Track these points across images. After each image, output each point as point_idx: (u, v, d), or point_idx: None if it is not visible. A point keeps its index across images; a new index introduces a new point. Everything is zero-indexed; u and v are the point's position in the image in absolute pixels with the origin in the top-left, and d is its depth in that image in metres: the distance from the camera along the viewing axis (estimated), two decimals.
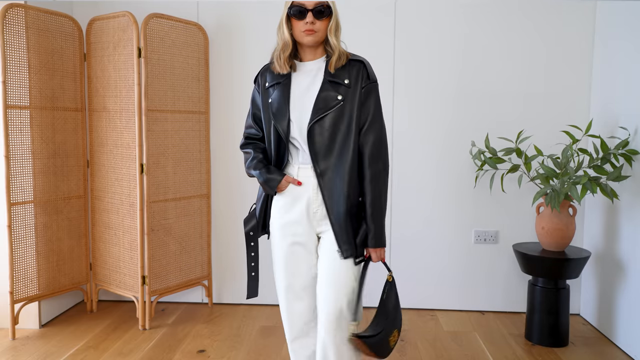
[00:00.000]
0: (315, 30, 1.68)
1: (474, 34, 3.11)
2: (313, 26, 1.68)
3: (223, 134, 3.26)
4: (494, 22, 3.10)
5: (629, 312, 2.66)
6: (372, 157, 1.72)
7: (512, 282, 3.22)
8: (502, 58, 3.12)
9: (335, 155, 1.71)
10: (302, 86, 1.75)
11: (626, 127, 2.71)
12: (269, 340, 2.79)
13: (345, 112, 1.70)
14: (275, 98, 1.76)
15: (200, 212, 3.19)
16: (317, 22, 1.68)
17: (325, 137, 1.70)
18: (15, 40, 2.71)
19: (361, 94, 1.71)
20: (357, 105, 1.70)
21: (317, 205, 1.76)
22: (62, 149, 2.98)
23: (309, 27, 1.67)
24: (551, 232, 2.72)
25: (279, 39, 1.75)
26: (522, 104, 3.13)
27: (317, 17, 1.67)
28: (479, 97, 3.14)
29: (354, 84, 1.71)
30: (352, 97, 1.70)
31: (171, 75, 2.97)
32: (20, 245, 2.79)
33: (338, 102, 1.69)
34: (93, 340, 2.77)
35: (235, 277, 3.32)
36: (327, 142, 1.70)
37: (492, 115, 3.14)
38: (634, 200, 2.64)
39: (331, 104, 1.69)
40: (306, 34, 1.69)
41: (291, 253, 1.81)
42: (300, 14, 1.68)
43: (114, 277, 3.04)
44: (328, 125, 1.69)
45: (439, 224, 3.22)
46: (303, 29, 1.68)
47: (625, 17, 2.75)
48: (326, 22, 1.70)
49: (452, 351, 2.67)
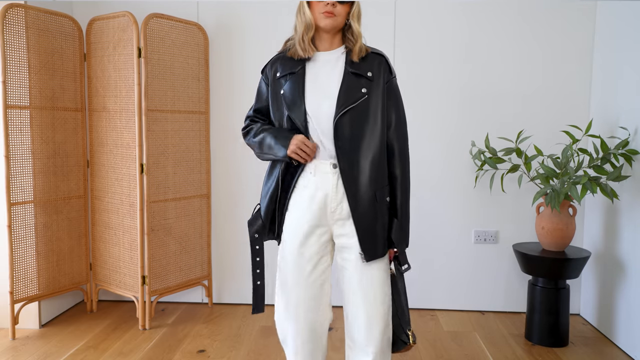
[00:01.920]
0: (335, 14, 1.59)
1: (474, 34, 3.11)
2: (333, 9, 1.58)
3: (223, 134, 3.26)
4: (494, 22, 3.10)
5: (628, 312, 2.66)
6: (402, 155, 1.68)
7: (512, 282, 3.22)
8: (502, 58, 3.12)
9: (361, 151, 1.61)
10: (319, 77, 1.65)
11: (626, 127, 2.71)
12: (269, 340, 2.79)
13: (371, 107, 1.62)
14: (287, 89, 1.65)
15: (200, 212, 3.19)
16: (338, 6, 1.60)
17: (350, 132, 1.60)
18: (15, 40, 2.71)
19: (384, 88, 1.65)
20: (381, 100, 1.64)
21: (336, 204, 1.64)
22: (62, 149, 2.98)
23: (329, 9, 1.58)
24: (551, 232, 2.72)
25: (300, 23, 1.64)
26: (522, 104, 3.13)
27: (338, 1, 1.60)
28: (479, 97, 3.14)
29: (376, 78, 1.64)
30: (376, 91, 1.64)
31: (171, 75, 2.97)
32: (20, 245, 2.79)
33: (362, 95, 1.61)
34: (93, 340, 2.77)
35: (235, 277, 3.33)
36: (352, 137, 1.61)
37: (492, 115, 3.14)
38: (634, 200, 2.64)
39: (356, 97, 1.60)
40: (325, 16, 1.59)
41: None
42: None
43: (114, 277, 3.04)
44: (353, 120, 1.60)
45: (439, 223, 3.22)
46: (322, 10, 1.59)
47: (625, 17, 2.75)
48: (347, 8, 1.62)
49: (452, 351, 2.67)
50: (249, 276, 3.31)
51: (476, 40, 3.12)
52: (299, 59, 1.68)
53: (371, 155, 1.62)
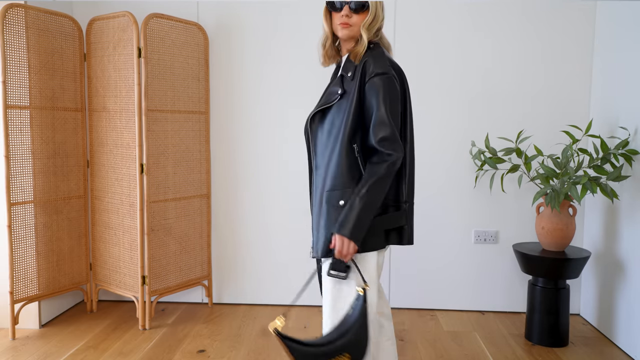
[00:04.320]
0: (350, 24, 1.66)
1: (473, 34, 3.11)
2: (348, 19, 1.66)
3: (223, 134, 3.26)
4: (494, 22, 3.10)
5: (628, 312, 2.66)
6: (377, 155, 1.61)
7: (512, 282, 3.22)
8: (502, 58, 3.12)
9: (329, 150, 1.65)
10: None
11: (626, 127, 2.71)
12: (269, 340, 2.79)
13: (343, 106, 1.64)
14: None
15: (200, 212, 3.19)
16: (354, 16, 1.66)
17: (322, 131, 1.68)
18: (15, 40, 2.71)
19: (360, 88, 1.63)
20: (355, 100, 1.62)
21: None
22: (62, 149, 2.98)
23: (344, 20, 1.66)
24: (551, 232, 2.72)
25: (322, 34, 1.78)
26: (522, 104, 3.13)
27: (353, 11, 1.66)
28: (478, 97, 3.14)
29: (355, 77, 1.65)
30: (349, 91, 1.65)
31: (171, 75, 2.97)
32: (20, 245, 2.79)
33: (337, 96, 1.66)
34: (93, 340, 2.77)
35: (235, 277, 3.33)
36: (325, 137, 1.67)
37: (492, 115, 3.14)
38: (634, 200, 2.64)
39: (331, 98, 1.68)
40: (341, 27, 1.68)
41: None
42: (336, 5, 1.68)
43: (114, 277, 3.04)
44: (328, 120, 1.67)
45: (439, 224, 3.22)
46: (339, 21, 1.67)
47: (625, 17, 2.75)
48: (363, 17, 1.67)
49: (452, 351, 2.67)
50: (249, 276, 3.31)
51: (476, 40, 3.12)
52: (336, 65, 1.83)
53: (335, 154, 1.62)
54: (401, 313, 3.19)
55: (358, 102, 1.62)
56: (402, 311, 3.22)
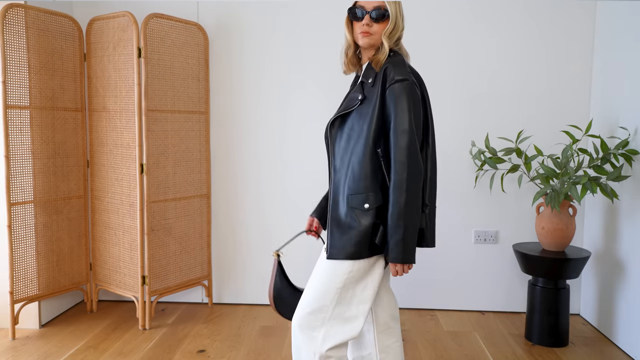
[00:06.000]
0: (371, 33, 1.68)
1: (474, 33, 3.11)
2: (369, 28, 1.68)
3: (223, 134, 3.26)
4: (494, 22, 3.10)
5: (628, 312, 2.66)
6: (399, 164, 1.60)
7: (512, 282, 3.22)
8: (502, 58, 3.12)
9: (349, 154, 1.68)
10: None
11: (626, 127, 2.71)
12: (269, 340, 2.79)
13: (364, 112, 1.67)
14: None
15: (200, 212, 3.19)
16: (374, 25, 1.68)
17: (342, 136, 1.71)
18: (15, 40, 2.71)
19: (382, 94, 1.65)
20: (377, 106, 1.64)
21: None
22: (62, 149, 2.99)
23: (365, 29, 1.68)
24: (551, 232, 2.72)
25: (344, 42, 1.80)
26: (522, 104, 3.13)
27: (374, 20, 1.68)
28: (479, 97, 3.14)
29: (375, 84, 1.67)
30: (370, 97, 1.67)
31: (171, 75, 2.97)
32: (20, 245, 2.79)
33: (358, 101, 1.69)
34: (93, 340, 2.77)
35: (235, 277, 3.33)
36: (344, 141, 1.70)
37: (492, 115, 3.14)
38: (634, 200, 2.64)
39: (352, 104, 1.70)
40: (362, 36, 1.69)
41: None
42: (358, 15, 1.70)
43: (114, 277, 3.04)
44: (347, 125, 1.70)
45: (439, 224, 3.22)
46: (359, 30, 1.69)
47: (625, 17, 2.75)
48: (383, 25, 1.69)
49: (452, 351, 2.67)
50: (249, 276, 3.31)
51: (476, 40, 3.12)
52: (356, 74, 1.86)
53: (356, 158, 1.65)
54: (401, 313, 3.19)
55: (381, 108, 1.65)
56: (402, 311, 3.22)
